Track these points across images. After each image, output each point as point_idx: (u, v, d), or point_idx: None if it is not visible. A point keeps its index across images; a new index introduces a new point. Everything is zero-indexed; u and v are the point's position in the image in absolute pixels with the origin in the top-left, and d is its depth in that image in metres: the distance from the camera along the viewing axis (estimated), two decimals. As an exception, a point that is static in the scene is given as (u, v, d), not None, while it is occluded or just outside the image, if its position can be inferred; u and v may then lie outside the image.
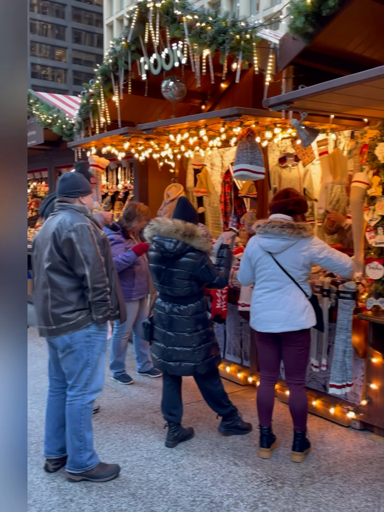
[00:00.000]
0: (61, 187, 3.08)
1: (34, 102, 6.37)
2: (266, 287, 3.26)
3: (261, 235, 3.27)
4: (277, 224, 3.18)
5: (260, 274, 3.30)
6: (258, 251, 3.29)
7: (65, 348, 2.95)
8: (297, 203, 3.29)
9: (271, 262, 3.23)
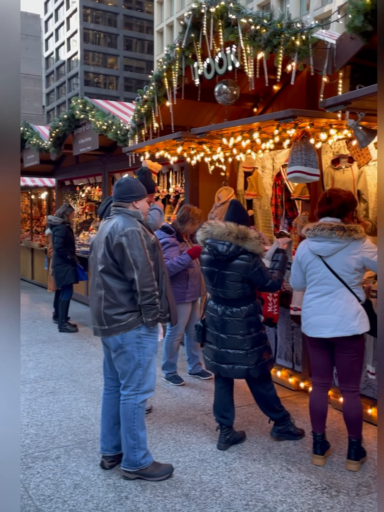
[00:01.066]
0: (116, 192, 3.17)
1: (90, 109, 6.56)
2: (317, 291, 3.21)
3: (310, 239, 3.22)
4: (326, 227, 3.13)
5: (310, 278, 3.26)
6: (308, 255, 3.24)
7: (117, 348, 3.02)
8: (342, 205, 3.22)
9: (322, 265, 3.18)
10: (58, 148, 7.98)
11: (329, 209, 3.22)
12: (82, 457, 3.32)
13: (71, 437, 3.62)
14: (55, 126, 7.61)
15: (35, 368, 5.21)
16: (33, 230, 12.38)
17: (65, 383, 4.75)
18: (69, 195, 10.40)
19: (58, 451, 3.40)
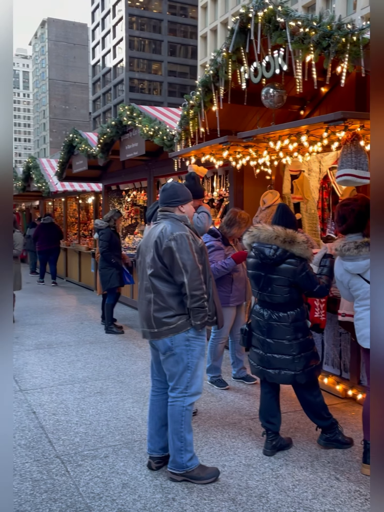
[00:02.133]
0: (162, 197, 3.22)
1: (137, 115, 6.68)
2: (365, 304, 3.16)
3: (342, 258, 3.19)
4: (351, 246, 3.09)
5: (355, 294, 3.23)
6: (345, 274, 3.22)
7: (166, 351, 3.06)
8: (358, 218, 3.18)
9: (362, 282, 3.14)
10: (106, 154, 8.16)
11: (347, 227, 3.19)
12: (129, 457, 3.38)
13: (119, 437, 3.69)
14: (103, 132, 7.79)
15: (83, 368, 5.34)
16: (80, 233, 12.69)
17: (112, 384, 4.84)
18: (115, 200, 10.61)
19: (106, 450, 3.48)
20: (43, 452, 3.46)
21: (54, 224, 12.18)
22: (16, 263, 7.41)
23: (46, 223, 11.80)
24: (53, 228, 11.87)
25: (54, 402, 4.38)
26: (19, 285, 7.43)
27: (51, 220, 11.94)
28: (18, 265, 7.48)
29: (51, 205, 15.16)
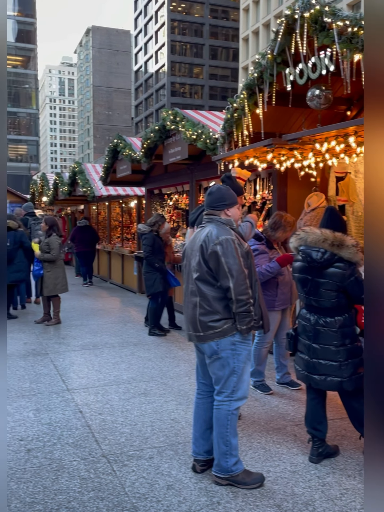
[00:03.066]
0: (208, 201, 3.22)
1: (180, 119, 6.74)
2: None
3: None
4: None
5: None
6: None
7: (212, 354, 3.06)
8: None
9: None
10: (149, 158, 8.27)
11: None
12: (174, 459, 3.40)
13: (163, 438, 3.72)
14: (147, 137, 7.90)
15: (127, 369, 5.42)
16: (123, 237, 12.90)
17: (155, 386, 4.89)
18: (158, 203, 10.73)
19: (151, 451, 3.51)
20: (90, 451, 3.53)
21: (90, 227, 12.68)
22: (57, 267, 7.60)
23: (82, 226, 12.28)
24: (89, 231, 12.38)
25: (100, 402, 4.46)
26: (61, 288, 7.62)
27: (87, 223, 12.43)
28: (59, 268, 7.65)
29: (95, 209, 15.47)
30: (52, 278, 7.55)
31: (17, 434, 3.80)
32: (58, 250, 7.55)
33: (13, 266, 7.93)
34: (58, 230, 7.76)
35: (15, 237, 7.97)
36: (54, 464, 3.33)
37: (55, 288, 7.59)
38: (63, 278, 7.67)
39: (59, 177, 15.25)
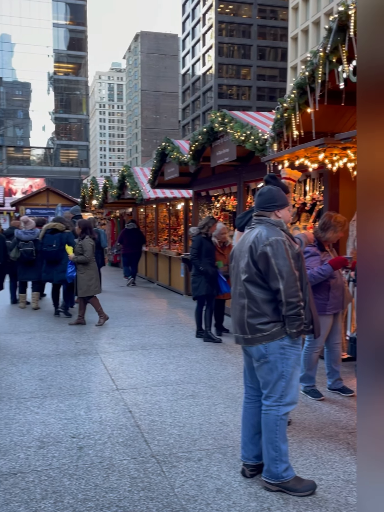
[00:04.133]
0: (258, 201, 3.18)
1: (228, 121, 6.71)
2: None
3: None
4: None
5: None
6: None
7: (260, 358, 3.01)
8: None
9: None
10: (197, 160, 8.29)
11: None
12: (223, 462, 3.38)
13: (212, 441, 3.70)
14: (195, 139, 7.92)
15: (175, 370, 5.44)
16: (170, 239, 13.00)
17: (203, 388, 4.88)
18: (205, 206, 10.74)
19: (200, 453, 3.50)
20: (139, 450, 3.56)
21: (137, 229, 13.15)
22: (90, 268, 7.73)
23: (129, 228, 12.81)
24: (136, 233, 12.85)
25: (149, 402, 4.50)
26: (94, 289, 7.74)
27: (134, 226, 12.91)
28: (92, 270, 7.76)
29: (143, 212, 15.69)
30: (85, 279, 7.72)
31: (69, 431, 3.90)
32: (91, 252, 7.71)
33: (60, 266, 8.24)
34: (92, 233, 7.91)
35: (61, 238, 8.26)
36: (105, 462, 3.39)
37: (89, 289, 7.73)
38: (96, 280, 7.80)
39: (108, 181, 15.58)
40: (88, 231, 7.85)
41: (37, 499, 2.96)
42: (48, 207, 23.07)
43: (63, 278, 8.25)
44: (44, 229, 8.51)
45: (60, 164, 63.58)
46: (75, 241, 8.11)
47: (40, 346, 6.49)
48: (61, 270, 8.21)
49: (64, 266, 8.21)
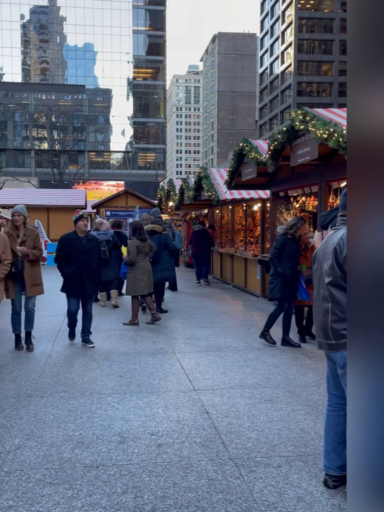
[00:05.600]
0: (343, 201, 3.05)
1: (310, 119, 6.54)
2: None
3: None
4: None
5: None
6: None
7: (344, 365, 2.88)
8: None
9: None
10: (276, 160, 8.16)
11: None
12: (303, 470, 3.28)
13: (291, 448, 3.61)
14: (274, 139, 7.80)
15: (252, 374, 5.38)
16: (246, 240, 12.91)
17: (282, 393, 4.78)
18: (283, 206, 10.55)
19: (279, 460, 3.43)
20: (217, 452, 3.55)
21: (205, 231, 13.40)
22: (136, 269, 7.87)
23: (198, 230, 13.19)
24: (204, 235, 13.18)
25: (226, 404, 4.48)
26: (139, 290, 7.84)
27: (202, 228, 13.26)
28: (138, 270, 7.86)
29: (218, 213, 15.73)
30: (131, 279, 7.90)
31: (148, 428, 3.97)
32: (134, 253, 7.84)
33: (159, 265, 8.65)
34: (140, 234, 8.02)
35: (159, 239, 8.70)
36: (183, 462, 3.41)
37: (134, 289, 7.86)
38: (141, 281, 7.83)
39: (185, 182, 15.79)
40: (137, 232, 8.01)
41: (118, 492, 3.04)
42: (127, 209, 23.80)
43: (162, 277, 8.70)
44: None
45: (138, 167, 65.46)
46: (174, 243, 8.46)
47: (119, 344, 6.70)
48: (160, 270, 8.64)
49: (163, 266, 8.67)
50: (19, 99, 61.80)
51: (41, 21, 62.56)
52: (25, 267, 6.12)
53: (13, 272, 6.03)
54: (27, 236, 6.20)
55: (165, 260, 8.69)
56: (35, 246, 6.22)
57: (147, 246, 8.04)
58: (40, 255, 6.29)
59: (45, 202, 21.47)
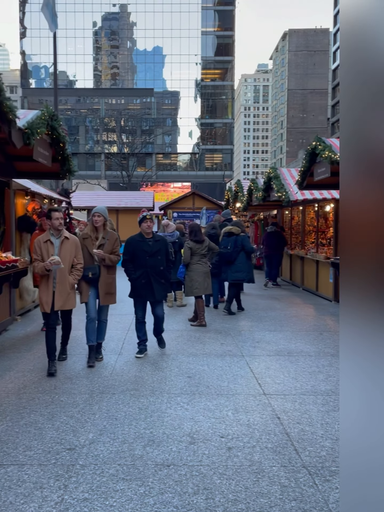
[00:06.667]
0: None
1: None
2: None
3: None
4: None
5: None
6: None
7: None
8: None
9: None
10: (350, 159, 7.86)
11: None
12: (381, 485, 3.13)
13: (367, 460, 3.46)
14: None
15: (325, 380, 5.22)
16: (318, 242, 12.57)
17: (356, 401, 4.59)
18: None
19: (355, 472, 3.30)
20: (289, 459, 3.48)
21: (278, 232, 13.32)
22: (191, 270, 7.96)
23: (271, 231, 13.19)
24: (277, 236, 13.14)
25: (298, 411, 4.38)
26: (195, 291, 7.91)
27: (275, 229, 13.22)
28: (193, 272, 7.96)
29: (288, 214, 15.44)
30: (187, 281, 8.00)
31: (218, 430, 3.96)
32: (187, 254, 7.96)
33: (234, 266, 8.80)
34: (196, 236, 8.07)
35: (236, 241, 8.86)
36: (254, 466, 3.37)
37: (190, 290, 7.96)
38: (195, 282, 7.91)
39: (253, 183, 15.65)
40: (192, 234, 8.11)
41: (189, 493, 3.06)
42: (194, 211, 24.00)
43: (236, 278, 8.79)
44: (222, 232, 9.22)
45: (205, 168, 65.84)
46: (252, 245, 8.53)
47: (187, 345, 6.75)
48: (235, 270, 8.77)
49: (238, 267, 8.79)
50: (90, 104, 64.27)
51: (112, 27, 64.70)
52: (101, 273, 5.74)
53: (90, 278, 5.69)
54: (106, 239, 5.80)
55: (241, 261, 8.78)
56: (113, 251, 5.82)
57: (204, 248, 8.08)
58: (117, 260, 5.86)
59: (115, 204, 22.14)
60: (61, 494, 3.06)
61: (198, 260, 8.01)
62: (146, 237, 6.19)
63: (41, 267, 5.32)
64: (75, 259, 5.54)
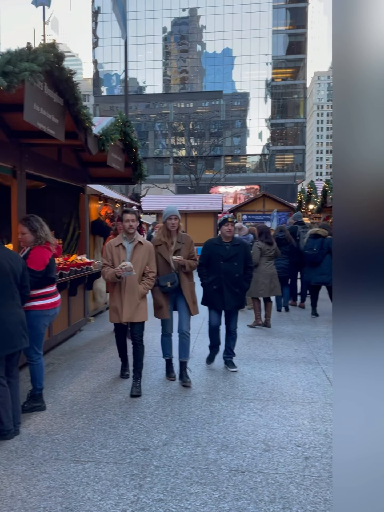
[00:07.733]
0: None
1: None
2: None
3: None
4: None
5: None
6: None
7: None
8: None
9: None
10: None
11: None
12: None
13: None
14: None
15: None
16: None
17: None
18: None
19: None
20: (370, 474, 3.31)
21: None
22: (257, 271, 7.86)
23: None
24: None
25: (378, 422, 4.16)
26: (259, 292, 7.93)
27: None
28: (259, 273, 7.92)
29: None
30: (252, 282, 7.75)
31: (294, 439, 3.86)
32: (257, 255, 7.93)
33: (318, 269, 8.72)
34: (267, 237, 8.12)
35: (322, 243, 8.79)
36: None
37: (255, 291, 7.95)
38: (262, 283, 7.92)
39: (328, 184, 15.18)
40: (262, 236, 8.18)
41: (265, 501, 2.99)
42: (264, 213, 23.69)
43: (321, 281, 8.71)
44: (308, 234, 9.19)
45: (275, 169, 64.93)
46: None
47: (259, 350, 6.63)
48: (320, 273, 8.69)
49: (322, 269, 8.68)
50: (159, 109, 65.53)
51: (182, 32, 65.62)
52: (182, 281, 5.18)
53: (168, 288, 5.13)
54: (181, 243, 5.23)
55: (326, 264, 8.63)
56: (190, 255, 5.27)
57: (272, 250, 8.16)
58: (195, 266, 5.35)
59: (183, 207, 22.36)
60: (136, 493, 3.10)
61: (266, 261, 8.08)
62: (225, 241, 5.66)
63: (111, 273, 4.83)
64: (147, 266, 4.97)
